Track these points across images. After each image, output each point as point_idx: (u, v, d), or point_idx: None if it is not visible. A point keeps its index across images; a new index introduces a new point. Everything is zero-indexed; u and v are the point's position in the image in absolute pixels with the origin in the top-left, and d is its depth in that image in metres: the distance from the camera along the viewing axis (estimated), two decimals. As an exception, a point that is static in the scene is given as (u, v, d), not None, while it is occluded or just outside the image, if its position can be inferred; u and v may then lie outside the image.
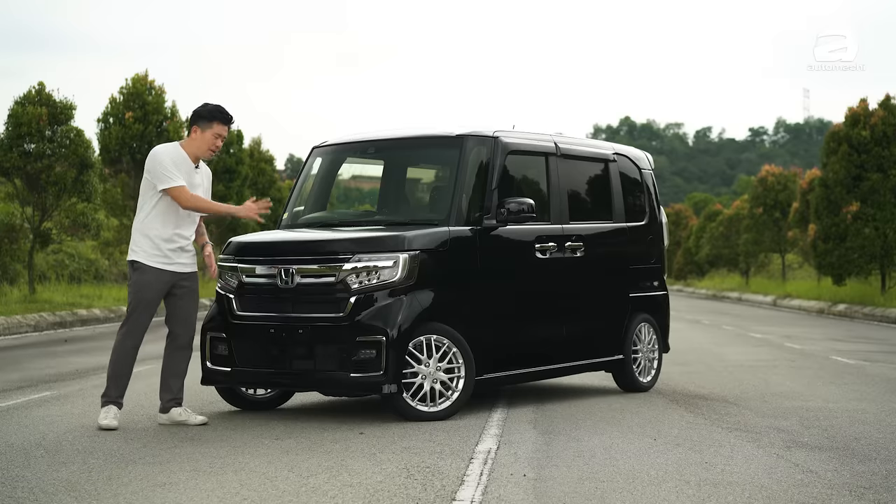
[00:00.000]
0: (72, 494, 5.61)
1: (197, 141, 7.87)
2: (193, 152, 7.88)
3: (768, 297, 34.04)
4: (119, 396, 7.82)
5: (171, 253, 7.83)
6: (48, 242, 22.92)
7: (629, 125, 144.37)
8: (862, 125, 26.91)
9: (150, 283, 7.78)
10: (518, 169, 9.02)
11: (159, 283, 7.81)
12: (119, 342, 7.81)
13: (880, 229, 26.26)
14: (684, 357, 13.63)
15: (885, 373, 11.95)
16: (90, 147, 22.45)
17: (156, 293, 7.83)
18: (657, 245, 10.45)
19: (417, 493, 5.59)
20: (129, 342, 7.81)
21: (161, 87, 27.17)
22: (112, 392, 7.79)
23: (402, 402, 7.86)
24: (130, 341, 7.81)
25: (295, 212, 9.35)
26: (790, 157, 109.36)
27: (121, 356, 7.79)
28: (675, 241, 56.56)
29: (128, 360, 7.81)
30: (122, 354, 7.79)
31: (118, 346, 7.81)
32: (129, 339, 7.81)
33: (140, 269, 7.80)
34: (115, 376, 7.79)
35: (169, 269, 7.82)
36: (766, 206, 40.07)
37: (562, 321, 9.21)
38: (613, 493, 5.67)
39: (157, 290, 7.82)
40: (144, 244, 7.80)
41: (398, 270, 7.87)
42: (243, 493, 5.60)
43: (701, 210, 61.39)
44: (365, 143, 9.38)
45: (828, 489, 5.82)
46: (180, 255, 7.89)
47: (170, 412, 7.91)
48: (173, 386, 7.92)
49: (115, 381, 7.79)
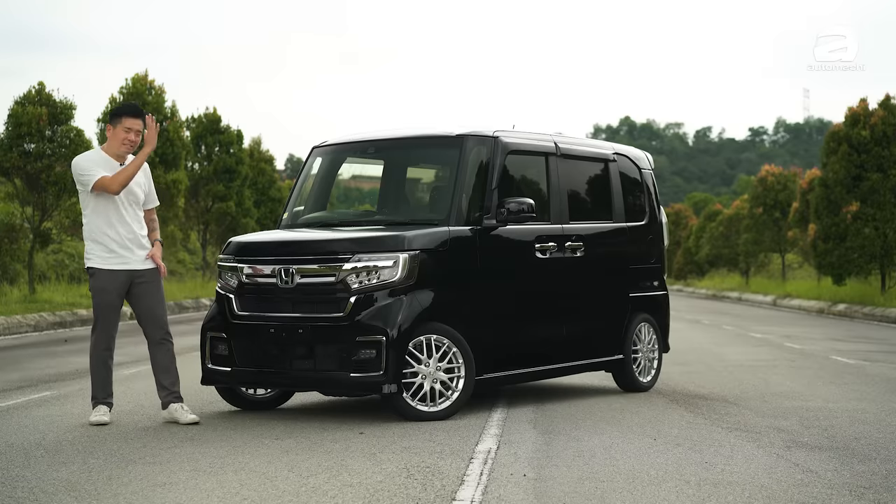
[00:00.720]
0: (72, 494, 5.61)
1: (112, 139, 8.01)
2: (113, 150, 7.99)
3: (768, 296, 34.03)
4: (106, 396, 7.97)
5: (123, 251, 7.91)
6: (48, 242, 22.92)
7: (629, 125, 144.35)
8: (862, 125, 26.90)
9: (106, 286, 7.90)
10: (518, 169, 9.02)
11: (115, 284, 7.90)
12: (92, 347, 7.96)
13: (880, 229, 26.25)
14: (684, 357, 13.63)
15: (885, 373, 11.95)
16: (90, 147, 22.43)
17: (114, 295, 7.92)
18: (657, 245, 10.45)
19: (417, 493, 5.59)
20: (101, 345, 7.94)
21: (161, 87, 27.18)
22: (98, 394, 7.96)
23: (402, 401, 7.86)
24: (102, 344, 7.94)
25: (295, 212, 9.35)
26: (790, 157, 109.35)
27: (96, 361, 7.94)
28: (674, 241, 56.55)
29: (104, 363, 7.95)
30: (97, 359, 7.94)
31: (92, 351, 7.96)
32: (100, 343, 7.94)
33: (94, 274, 7.93)
34: (96, 380, 7.95)
35: (123, 268, 7.91)
36: (766, 206, 40.06)
37: (562, 321, 9.21)
38: (613, 492, 5.67)
39: (114, 291, 7.91)
40: (96, 249, 7.92)
41: (398, 270, 7.87)
42: (243, 493, 5.60)
43: (701, 210, 61.38)
44: (365, 142, 9.39)
45: (828, 489, 5.82)
46: (133, 253, 7.94)
47: (168, 408, 7.97)
48: (164, 382, 8.00)
49: (98, 384, 7.95)
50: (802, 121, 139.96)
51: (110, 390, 7.98)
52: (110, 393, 7.98)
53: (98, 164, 7.89)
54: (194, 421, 7.88)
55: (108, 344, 7.95)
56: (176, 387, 8.00)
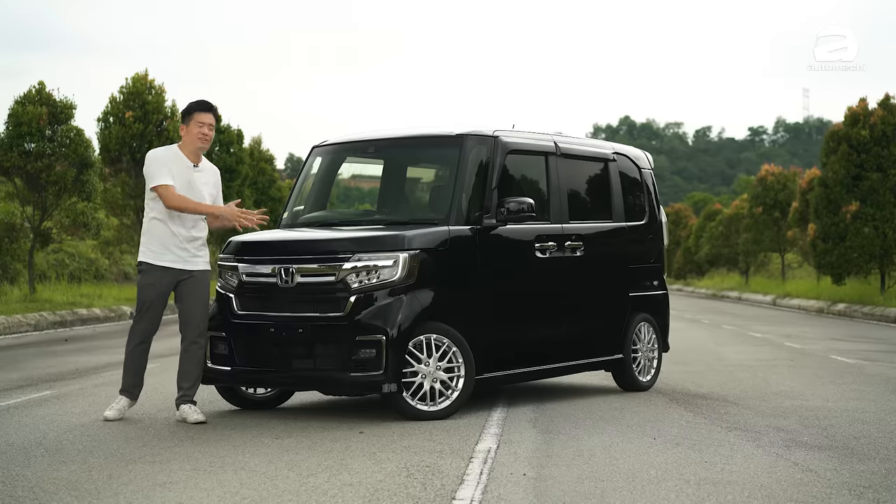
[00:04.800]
0: (72, 493, 5.61)
1: (186, 137, 8.07)
2: (188, 148, 8.07)
3: (768, 296, 34.03)
4: (133, 386, 8.07)
5: (178, 250, 7.98)
6: (48, 242, 22.92)
7: (629, 125, 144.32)
8: (861, 125, 26.89)
9: (153, 282, 7.98)
10: (518, 168, 9.03)
11: (162, 281, 7.97)
12: (129, 338, 8.09)
13: (880, 229, 26.25)
14: (684, 356, 13.64)
15: (884, 372, 11.96)
16: (90, 146, 22.45)
17: (158, 292, 7.99)
18: (657, 244, 10.45)
19: (417, 493, 5.60)
20: (137, 338, 8.07)
21: (161, 87, 27.13)
22: (127, 381, 8.06)
23: (402, 401, 7.87)
24: (138, 338, 8.07)
25: (295, 211, 9.36)
26: (790, 157, 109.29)
27: (131, 351, 8.07)
28: (674, 241, 56.55)
29: (138, 355, 8.07)
30: (131, 350, 8.06)
31: (128, 341, 8.10)
32: (136, 336, 8.07)
33: (143, 269, 8.03)
34: (128, 368, 8.07)
35: (173, 266, 7.97)
36: (766, 206, 40.05)
37: (561, 320, 9.22)
38: (613, 492, 5.68)
39: (159, 289, 7.99)
40: (149, 243, 8.00)
41: (398, 270, 7.88)
42: (243, 493, 5.61)
43: (700, 209, 61.35)
44: (365, 142, 9.39)
45: (827, 488, 5.83)
46: (188, 253, 8.00)
47: (179, 409, 8.03)
48: (183, 384, 8.08)
49: (128, 373, 8.06)
50: (802, 120, 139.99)
51: (138, 383, 8.08)
52: (138, 385, 8.07)
53: (170, 163, 7.95)
54: (200, 421, 7.90)
55: (144, 338, 8.06)
56: (192, 390, 8.07)
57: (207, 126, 8.04)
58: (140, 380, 8.09)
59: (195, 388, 8.08)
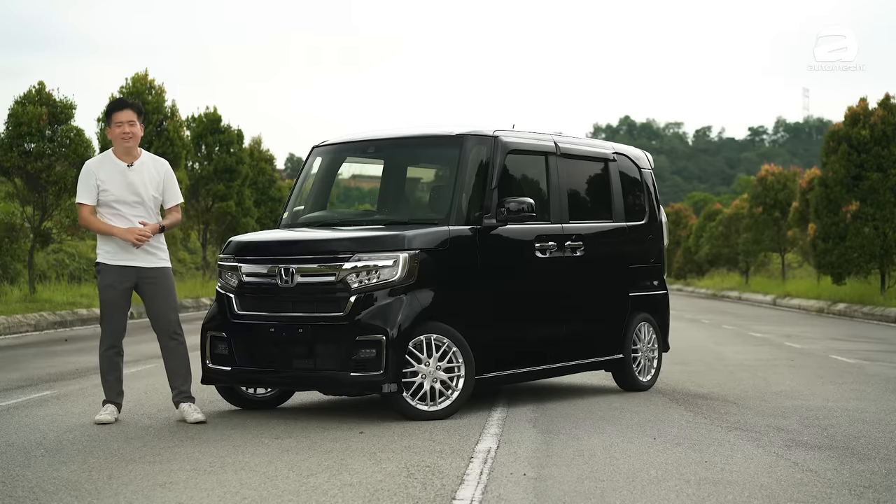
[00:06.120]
0: (72, 493, 5.61)
1: (112, 139, 8.07)
2: (117, 149, 8.04)
3: (768, 296, 34.03)
4: (115, 396, 7.99)
5: (129, 247, 7.89)
6: (48, 242, 22.91)
7: (629, 124, 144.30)
8: (861, 124, 26.89)
9: (111, 282, 7.92)
10: (518, 168, 9.03)
11: (120, 280, 7.92)
12: (100, 341, 8.01)
13: (880, 228, 26.25)
14: (684, 356, 13.64)
15: (884, 372, 11.96)
16: (90, 146, 22.43)
17: (119, 292, 7.93)
18: (657, 244, 10.45)
19: (417, 493, 5.60)
20: (107, 343, 7.97)
21: (161, 87, 27.15)
22: (108, 394, 8.00)
23: (402, 401, 7.87)
24: (108, 342, 7.97)
25: (295, 211, 9.36)
26: (790, 157, 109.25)
27: (104, 362, 7.98)
28: (674, 241, 56.54)
29: (113, 364, 7.97)
30: (104, 358, 7.98)
31: (100, 344, 8.01)
32: (106, 338, 7.97)
33: (101, 269, 7.98)
34: (104, 378, 7.99)
35: (130, 264, 7.91)
36: (766, 206, 40.05)
37: (561, 320, 9.22)
38: (613, 492, 5.68)
39: (119, 288, 7.93)
40: (104, 244, 7.97)
41: (398, 270, 7.88)
42: (243, 493, 5.61)
43: (700, 209, 61.33)
44: (365, 142, 9.39)
45: (827, 488, 5.83)
46: (141, 251, 7.92)
47: (178, 408, 8.01)
48: (175, 382, 8.04)
49: (106, 384, 7.99)
50: (802, 120, 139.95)
51: (118, 392, 8.00)
52: (118, 393, 8.00)
53: (96, 173, 7.91)
54: (200, 420, 7.89)
55: (113, 341, 7.96)
56: (186, 387, 8.03)
57: (127, 124, 7.98)
58: (119, 390, 8.01)
59: (188, 383, 8.04)
